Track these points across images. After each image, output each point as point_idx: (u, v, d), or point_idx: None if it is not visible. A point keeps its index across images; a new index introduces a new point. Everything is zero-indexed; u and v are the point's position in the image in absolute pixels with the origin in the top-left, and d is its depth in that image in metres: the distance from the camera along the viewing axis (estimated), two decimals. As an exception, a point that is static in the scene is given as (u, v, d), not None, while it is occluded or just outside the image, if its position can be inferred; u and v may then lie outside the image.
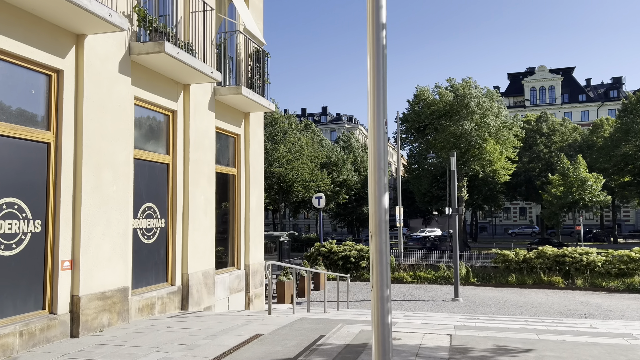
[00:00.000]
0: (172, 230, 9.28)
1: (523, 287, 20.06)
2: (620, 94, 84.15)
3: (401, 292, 18.61)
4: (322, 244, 24.64)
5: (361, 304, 16.07)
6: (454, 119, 35.68)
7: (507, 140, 37.46)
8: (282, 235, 26.57)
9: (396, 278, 22.05)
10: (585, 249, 20.71)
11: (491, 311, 14.67)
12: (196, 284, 9.67)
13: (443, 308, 15.21)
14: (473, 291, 19.03)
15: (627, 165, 42.52)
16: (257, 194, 12.82)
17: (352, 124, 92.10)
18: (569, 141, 50.22)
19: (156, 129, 9.21)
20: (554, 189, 39.23)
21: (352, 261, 23.14)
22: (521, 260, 21.00)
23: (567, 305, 15.78)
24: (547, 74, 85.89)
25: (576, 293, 18.61)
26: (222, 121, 11.26)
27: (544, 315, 14.15)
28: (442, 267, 22.18)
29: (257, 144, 12.92)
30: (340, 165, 51.09)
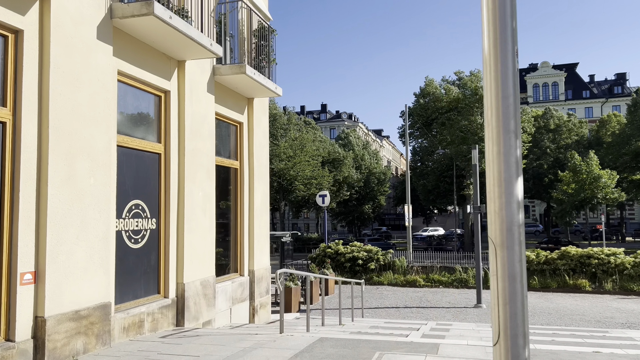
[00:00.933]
0: (164, 232, 7.83)
1: (546, 290, 18.65)
2: (625, 90, 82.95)
3: (417, 298, 17.18)
4: (328, 244, 23.20)
5: (376, 311, 14.64)
6: (463, 112, 34.25)
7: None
8: (284, 235, 25.12)
9: (409, 281, 20.61)
10: (612, 249, 19.31)
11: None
12: (193, 295, 8.23)
13: (467, 317, 13.79)
14: (493, 296, 17.59)
15: (638, 163, 41.16)
16: (262, 190, 11.37)
17: (352, 122, 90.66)
18: (577, 137, 48.86)
19: (145, 112, 7.76)
20: (564, 186, 37.84)
21: (360, 263, 21.70)
22: (542, 262, 19.59)
23: (601, 312, 14.37)
24: (550, 70, 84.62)
25: (606, 298, 17.21)
26: (223, 106, 9.81)
27: (580, 324, 12.74)
28: (457, 269, 20.76)
29: (262, 134, 11.47)
30: (341, 163, 49.64)
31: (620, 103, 79.72)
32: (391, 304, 15.98)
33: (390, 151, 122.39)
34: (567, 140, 48.55)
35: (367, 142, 66.79)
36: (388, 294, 18.29)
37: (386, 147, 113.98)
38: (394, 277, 20.89)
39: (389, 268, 21.68)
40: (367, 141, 66.77)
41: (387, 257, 21.95)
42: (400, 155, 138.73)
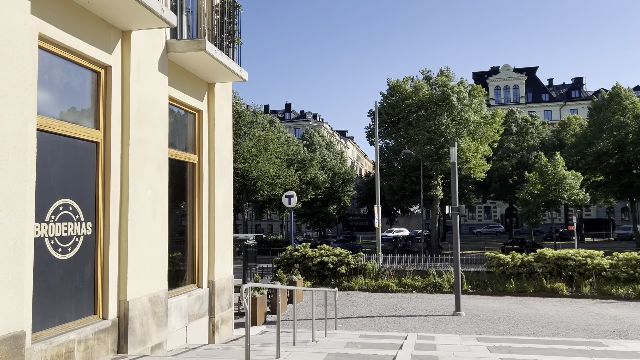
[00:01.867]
0: (103, 238, 6.38)
1: (523, 295, 17.93)
2: (582, 94, 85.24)
3: (391, 305, 16.10)
4: (295, 247, 21.89)
5: (349, 322, 13.43)
6: (430, 112, 33.60)
7: (484, 137, 35.71)
8: (248, 238, 23.64)
9: (380, 286, 19.52)
10: (588, 251, 18.80)
11: (505, 329, 12.34)
12: (140, 315, 6.79)
13: (447, 326, 12.77)
14: (470, 301, 16.73)
15: (600, 164, 41.68)
16: (225, 189, 9.98)
17: (317, 122, 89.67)
18: (540, 139, 49.31)
19: (79, 91, 6.27)
20: (531, 187, 37.81)
21: (329, 267, 20.49)
22: (519, 265, 18.89)
23: (585, 319, 13.65)
24: (511, 74, 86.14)
25: (585, 302, 16.60)
26: (179, 90, 8.39)
27: (567, 333, 11.92)
28: (431, 273, 19.82)
29: (225, 125, 10.08)
30: (308, 163, 48.41)
31: (577, 106, 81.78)
32: (365, 312, 14.82)
33: (355, 152, 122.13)
34: (531, 141, 48.90)
35: (332, 142, 65.82)
36: (360, 300, 17.14)
37: (350, 148, 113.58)
38: (365, 282, 19.79)
39: (360, 272, 20.57)
40: (331, 141, 65.78)
41: (358, 260, 20.83)
42: (364, 157, 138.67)
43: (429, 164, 37.36)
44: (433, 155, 35.92)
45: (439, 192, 38.13)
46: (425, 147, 34.60)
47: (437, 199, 38.23)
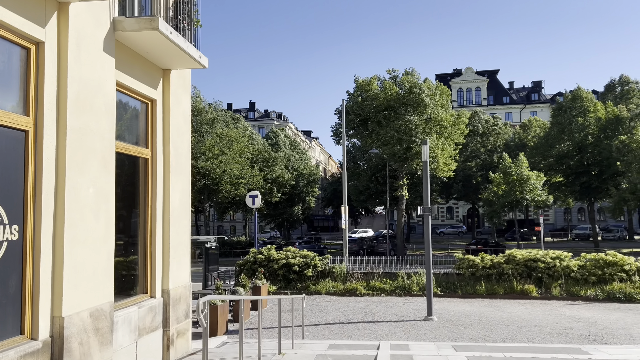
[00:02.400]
0: (33, 244, 5.41)
1: (493, 297, 17.60)
2: (541, 97, 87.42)
3: (360, 310, 15.41)
4: (259, 250, 20.95)
5: (317, 329, 12.65)
6: (399, 111, 33.25)
7: (450, 137, 35.69)
8: (209, 240, 22.59)
9: (348, 290, 18.84)
10: (556, 252, 18.67)
11: (479, 334, 11.83)
12: (79, 333, 5.83)
13: (420, 332, 12.17)
14: (440, 304, 16.24)
15: (561, 165, 42.46)
16: (182, 187, 9.04)
17: (282, 121, 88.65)
18: (503, 140, 49.95)
19: (3, 69, 5.28)
20: (495, 187, 38.07)
21: (296, 270, 19.66)
22: (488, 266, 18.57)
23: (558, 322, 13.33)
24: (473, 76, 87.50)
25: (555, 304, 16.37)
26: (129, 76, 7.43)
27: (543, 337, 11.51)
28: (400, 275, 19.28)
29: (182, 117, 9.14)
30: (273, 162, 47.38)
31: (537, 109, 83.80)
32: (333, 318, 14.08)
33: (319, 152, 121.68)
34: (494, 143, 49.47)
35: (296, 142, 64.99)
36: (328, 305, 16.40)
37: (315, 149, 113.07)
38: (333, 286, 19.07)
39: (327, 275, 19.83)
40: (296, 141, 64.95)
41: (325, 263, 20.09)
42: (329, 157, 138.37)
43: (396, 165, 37.06)
44: (401, 155, 35.61)
45: (405, 192, 37.89)
46: (395, 148, 34.21)
47: (403, 199, 38.00)
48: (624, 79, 52.93)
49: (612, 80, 55.04)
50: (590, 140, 41.77)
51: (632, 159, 34.31)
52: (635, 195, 34.82)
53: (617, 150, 38.23)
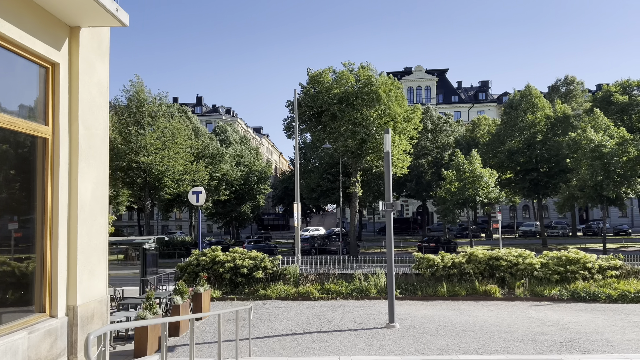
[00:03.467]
0: None
1: (456, 299, 16.55)
2: (488, 96, 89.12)
3: (315, 317, 13.91)
4: (203, 251, 19.06)
5: (266, 343, 11.03)
6: (355, 104, 32.03)
7: (404, 132, 34.87)
8: (146, 241, 20.49)
9: (301, 294, 17.30)
10: (518, 250, 17.89)
11: (447, 344, 10.61)
12: None
13: (383, 343, 10.81)
14: (401, 308, 15.00)
15: (511, 162, 42.70)
16: (96, 176, 7.22)
17: (231, 117, 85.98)
18: (453, 138, 49.93)
19: None
20: (448, 184, 37.64)
21: (244, 273, 17.93)
22: (449, 266, 17.55)
23: (528, 327, 12.35)
24: (423, 74, 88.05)
25: (520, 305, 15.49)
26: (16, 27, 5.59)
27: (517, 346, 10.42)
28: (356, 276, 17.94)
29: (97, 89, 7.31)
30: (220, 158, 45.10)
31: (484, 108, 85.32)
32: (285, 328, 12.51)
33: (270, 150, 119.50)
34: (445, 140, 49.34)
35: (246, 137, 62.80)
36: (279, 312, 14.80)
37: (266, 146, 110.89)
38: (284, 289, 17.49)
39: (279, 278, 18.24)
40: (245, 137, 62.77)
41: (276, 264, 18.48)
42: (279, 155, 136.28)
43: (349, 160, 35.87)
44: (355, 150, 34.43)
45: (358, 189, 36.79)
46: (348, 141, 32.94)
47: (356, 196, 36.88)
48: (570, 79, 54.25)
49: (557, 80, 56.34)
50: (539, 137, 42.22)
51: (582, 156, 34.70)
52: (584, 192, 35.25)
53: (568, 147, 38.70)
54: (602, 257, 17.54)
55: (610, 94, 46.13)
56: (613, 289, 15.99)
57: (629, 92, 46.36)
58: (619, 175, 34.21)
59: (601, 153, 33.79)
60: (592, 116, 38.73)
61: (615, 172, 34.07)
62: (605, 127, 35.97)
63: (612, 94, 46.03)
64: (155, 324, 7.96)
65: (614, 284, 16.35)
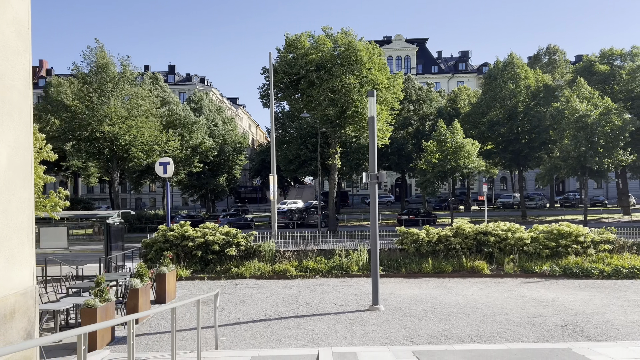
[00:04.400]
0: None
1: (442, 276, 15.57)
2: (468, 67, 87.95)
3: (292, 298, 12.74)
4: (170, 226, 17.63)
5: (237, 330, 9.81)
6: (334, 71, 30.36)
7: (385, 101, 33.46)
8: (110, 215, 18.97)
9: (277, 272, 16.10)
10: (507, 224, 16.94)
11: (439, 330, 9.56)
12: None
13: (367, 329, 9.70)
14: (385, 287, 13.95)
15: (492, 133, 41.82)
16: (14, 139, 5.75)
17: (205, 86, 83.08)
18: (435, 108, 48.73)
19: None
20: (429, 155, 36.57)
21: (215, 250, 16.62)
22: (435, 241, 16.53)
23: (523, 308, 11.40)
24: (403, 44, 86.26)
25: (510, 283, 14.58)
26: None
27: (515, 331, 9.44)
28: (336, 252, 16.81)
29: (12, 27, 5.77)
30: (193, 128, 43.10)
31: (464, 79, 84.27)
32: (258, 312, 11.31)
33: (247, 121, 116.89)
34: (427, 110, 48.12)
35: (221, 108, 60.58)
36: (252, 293, 13.59)
37: (242, 117, 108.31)
38: (259, 267, 16.27)
39: (253, 255, 17.00)
40: (220, 107, 60.54)
41: (250, 240, 17.20)
42: (256, 126, 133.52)
43: (329, 130, 34.39)
44: (334, 120, 32.93)
45: (337, 161, 35.48)
46: (327, 110, 31.35)
47: (335, 168, 35.58)
48: (552, 48, 53.24)
49: (539, 49, 55.26)
50: (520, 107, 41.31)
51: (566, 127, 33.92)
52: (566, 164, 34.63)
53: (551, 118, 37.86)
54: (594, 230, 16.73)
55: (592, 63, 45.31)
56: (606, 264, 15.21)
57: (611, 62, 45.63)
58: (602, 146, 33.64)
59: (585, 123, 33.06)
60: (575, 86, 37.89)
61: (599, 143, 33.47)
62: (590, 96, 35.18)
63: (593, 64, 45.23)
64: (69, 337, 6.54)
65: (607, 259, 15.58)
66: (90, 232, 25.07)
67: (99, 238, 21.76)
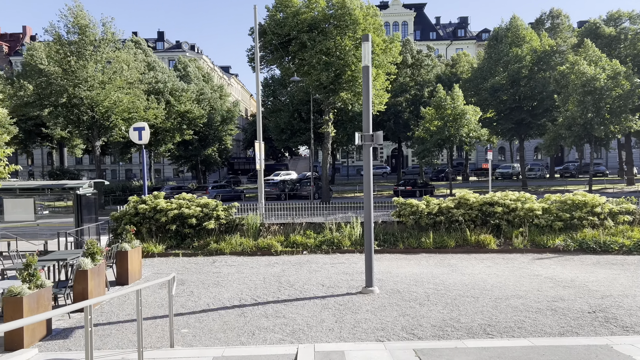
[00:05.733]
0: None
1: (444, 251, 14.05)
2: (467, 33, 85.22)
3: (274, 279, 11.19)
4: (143, 198, 15.95)
5: (203, 320, 8.24)
6: (328, 32, 28.25)
7: (381, 65, 31.44)
8: (80, 185, 17.29)
9: (261, 248, 14.53)
10: (515, 193, 15.34)
11: (444, 318, 8.03)
12: None
13: (358, 317, 8.17)
14: (381, 264, 12.44)
15: (494, 100, 39.88)
16: None
17: (195, 53, 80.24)
18: (435, 74, 46.59)
19: None
20: (427, 123, 34.75)
21: (192, 224, 15.00)
22: (435, 212, 14.95)
23: (539, 289, 9.90)
24: (400, 9, 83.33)
25: (521, 259, 13.07)
26: None
27: (535, 319, 7.93)
28: (327, 226, 15.23)
29: None
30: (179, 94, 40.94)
31: (463, 45, 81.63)
32: (232, 296, 9.75)
33: (240, 91, 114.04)
34: (426, 76, 46.00)
35: (210, 75, 58.11)
36: (230, 272, 12.02)
37: (234, 86, 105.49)
38: (241, 242, 14.69)
39: (235, 229, 15.40)
40: (209, 74, 58.07)
41: (231, 213, 15.58)
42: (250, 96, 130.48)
43: (322, 96, 32.42)
44: (328, 85, 30.92)
45: (331, 129, 33.64)
46: (321, 75, 29.32)
47: (329, 136, 33.77)
48: (555, 12, 50.78)
49: (542, 13, 52.81)
50: (524, 72, 39.31)
51: (572, 92, 32.07)
52: (571, 131, 32.91)
53: (555, 82, 35.96)
54: (612, 200, 15.18)
55: (597, 26, 43.16)
56: (627, 238, 13.71)
57: (618, 25, 43.47)
58: (609, 111, 31.88)
59: (593, 88, 31.20)
60: (582, 49, 35.88)
61: (606, 109, 31.70)
62: (597, 59, 33.23)
63: (598, 26, 43.07)
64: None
65: (627, 232, 14.07)
66: (70, 205, 23.42)
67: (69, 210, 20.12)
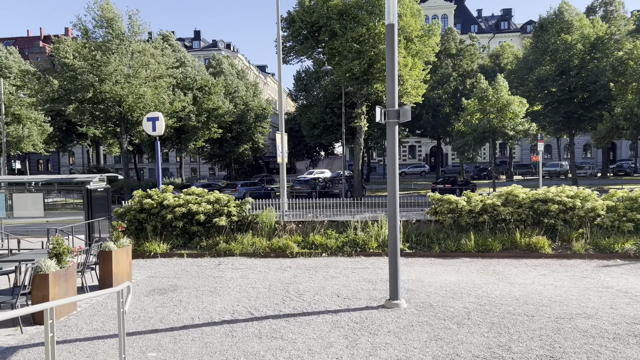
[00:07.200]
0: None
1: (488, 256, 11.98)
2: (511, 25, 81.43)
3: (281, 287, 9.47)
4: (148, 192, 14.54)
5: (178, 341, 6.59)
6: (360, 18, 26.39)
7: (419, 54, 29.31)
8: (91, 180, 16.08)
9: (275, 249, 12.83)
10: (573, 189, 13.09)
11: (489, 344, 6.12)
12: None
13: (377, 341, 6.35)
14: (411, 271, 10.53)
15: (541, 91, 36.94)
16: None
17: (231, 52, 79.83)
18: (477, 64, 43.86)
19: None
20: (468, 115, 32.33)
21: (200, 221, 13.48)
22: (478, 210, 12.88)
23: (614, 307, 7.81)
24: (440, 2, 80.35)
25: (583, 266, 10.87)
26: None
27: (615, 349, 5.89)
28: (352, 225, 13.41)
29: None
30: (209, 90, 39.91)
31: (506, 38, 77.87)
32: (225, 308, 8.07)
33: (275, 89, 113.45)
34: (468, 67, 43.35)
35: (244, 72, 57.17)
36: (233, 277, 10.39)
37: (270, 85, 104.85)
38: (253, 243, 13.06)
39: (248, 227, 13.81)
40: (243, 71, 57.13)
41: (244, 209, 13.98)
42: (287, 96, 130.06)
43: (354, 88, 30.50)
44: (360, 75, 29.02)
45: (364, 122, 31.72)
46: (353, 64, 27.42)
47: (361, 131, 31.86)
48: (609, -3, 47.08)
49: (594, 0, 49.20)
50: (575, 61, 36.22)
51: (631, 78, 29.04)
52: (630, 122, 29.83)
53: (612, 69, 32.84)
54: (694, 196, 12.72)
55: (658, 12, 39.56)
56: None
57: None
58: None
59: (656, 74, 28.13)
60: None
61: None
62: (660, 44, 30.04)
63: (659, 12, 39.47)
64: None
65: None
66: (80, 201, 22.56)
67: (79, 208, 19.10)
